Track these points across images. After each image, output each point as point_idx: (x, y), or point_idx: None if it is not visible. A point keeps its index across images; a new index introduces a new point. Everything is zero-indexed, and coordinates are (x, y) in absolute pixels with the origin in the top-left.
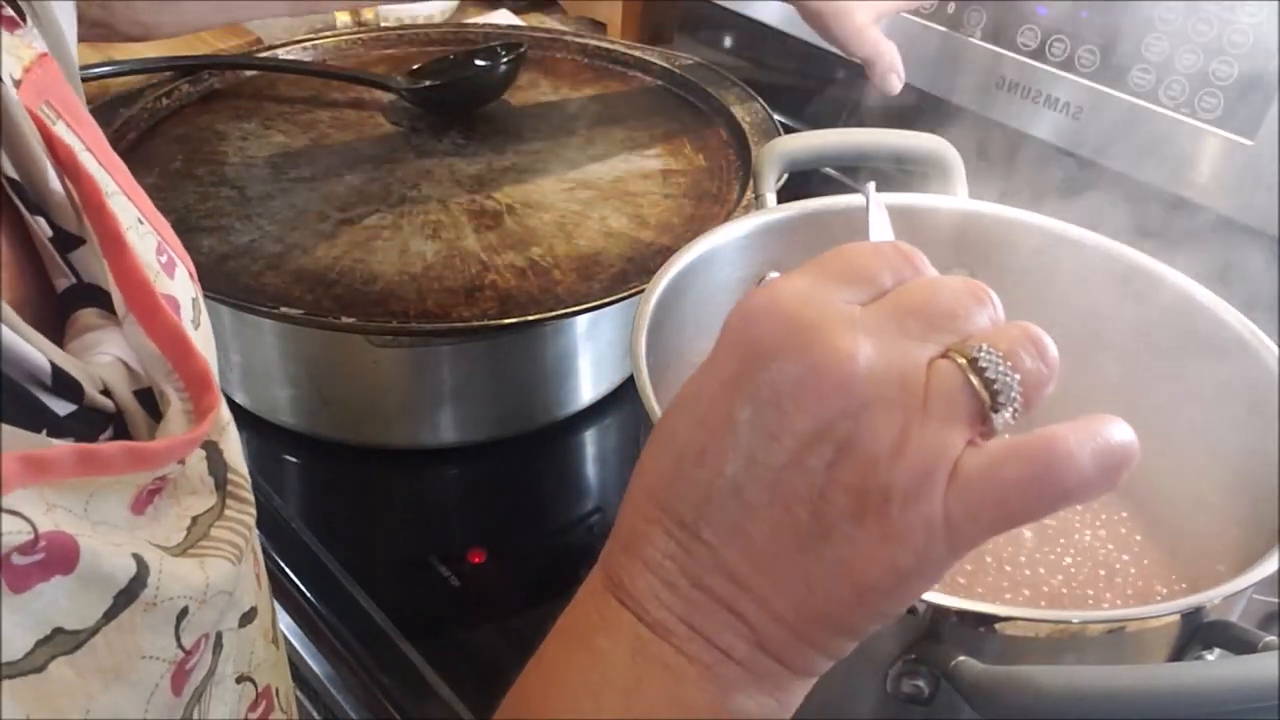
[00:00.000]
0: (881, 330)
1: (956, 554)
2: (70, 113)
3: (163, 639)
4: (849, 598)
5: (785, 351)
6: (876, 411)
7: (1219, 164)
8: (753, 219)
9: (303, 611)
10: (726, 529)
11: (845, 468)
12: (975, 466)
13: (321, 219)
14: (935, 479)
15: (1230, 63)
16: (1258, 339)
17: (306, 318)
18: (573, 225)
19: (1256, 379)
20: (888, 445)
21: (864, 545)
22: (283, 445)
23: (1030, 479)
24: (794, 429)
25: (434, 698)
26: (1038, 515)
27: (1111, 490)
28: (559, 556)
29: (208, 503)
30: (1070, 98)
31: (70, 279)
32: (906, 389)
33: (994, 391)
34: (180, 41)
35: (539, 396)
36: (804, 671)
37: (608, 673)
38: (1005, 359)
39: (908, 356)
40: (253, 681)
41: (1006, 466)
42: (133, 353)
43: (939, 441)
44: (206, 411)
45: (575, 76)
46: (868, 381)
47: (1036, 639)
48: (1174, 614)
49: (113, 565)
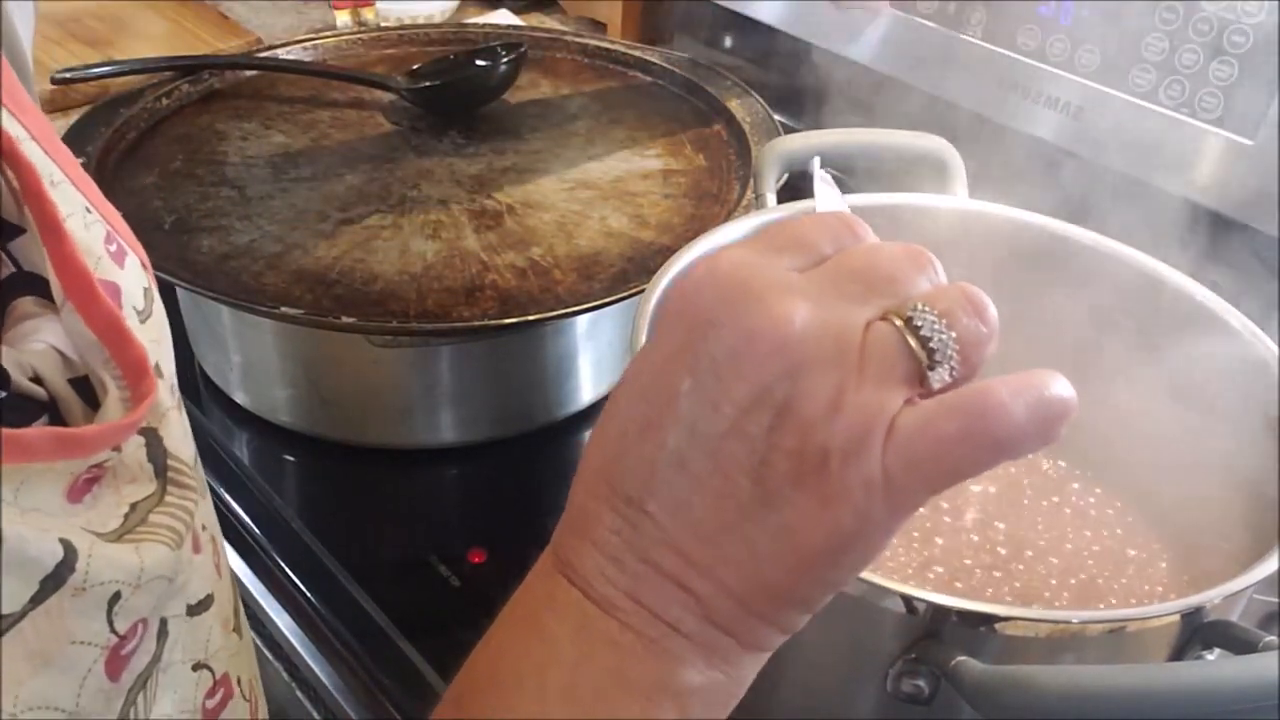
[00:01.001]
0: (819, 294)
1: (898, 514)
2: (13, 100)
3: (94, 624)
4: (794, 565)
5: (722, 319)
6: (813, 373)
7: (1219, 164)
8: (753, 219)
9: (303, 611)
10: (671, 502)
11: (784, 431)
12: (911, 422)
13: (321, 219)
14: (872, 437)
15: (1230, 63)
16: (1258, 339)
17: (306, 318)
18: (573, 225)
19: (1256, 379)
20: (824, 406)
21: (805, 509)
22: (283, 445)
23: (964, 432)
24: (732, 396)
25: (434, 698)
26: (975, 468)
27: (1048, 444)
28: None
29: (147, 489)
30: (1070, 98)
31: (10, 268)
32: (842, 350)
33: (930, 350)
34: (180, 41)
35: (539, 396)
36: (755, 646)
37: (553, 649)
38: (941, 318)
39: (844, 318)
40: (209, 669)
41: (940, 420)
42: (69, 341)
43: (876, 400)
44: (143, 397)
45: (575, 76)
46: (803, 343)
47: (1036, 639)
48: (1174, 614)
49: (39, 550)
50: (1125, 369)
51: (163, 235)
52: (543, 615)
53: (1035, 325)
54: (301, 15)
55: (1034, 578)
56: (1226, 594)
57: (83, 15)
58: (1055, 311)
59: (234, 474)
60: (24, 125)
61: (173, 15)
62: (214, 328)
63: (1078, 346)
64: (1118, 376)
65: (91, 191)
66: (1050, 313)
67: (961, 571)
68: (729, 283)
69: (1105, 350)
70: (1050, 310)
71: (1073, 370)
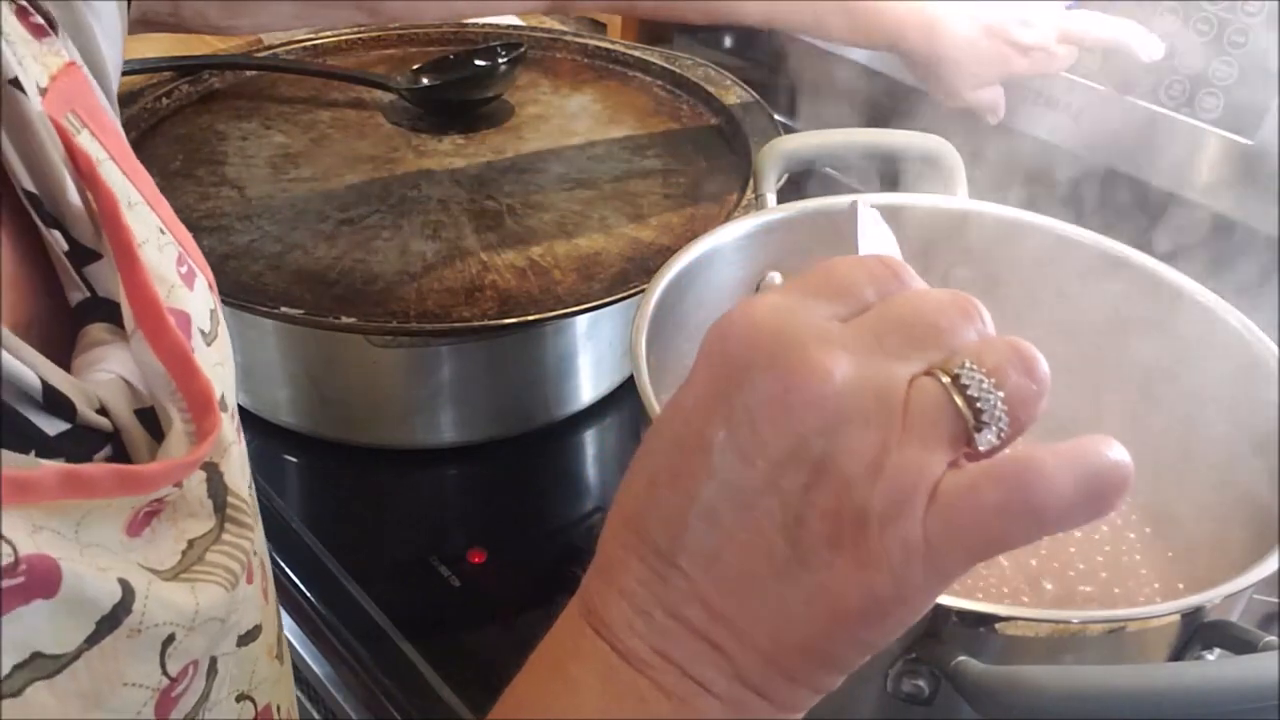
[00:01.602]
0: (860, 346)
1: (938, 581)
2: (95, 121)
3: (146, 665)
4: (828, 627)
5: (759, 369)
6: (852, 430)
7: (1219, 164)
8: (753, 219)
9: (303, 611)
10: (701, 556)
11: (821, 490)
12: (955, 488)
13: (321, 219)
14: (914, 501)
15: (1230, 63)
16: (1258, 339)
17: (306, 318)
18: (573, 225)
19: (1256, 379)
20: (864, 465)
21: (841, 570)
22: (283, 445)
23: (1006, 503)
24: (768, 450)
25: (434, 698)
26: (1018, 540)
27: (1101, 517)
28: (559, 556)
29: (206, 526)
30: (1070, 98)
31: (85, 293)
32: (885, 406)
33: (977, 410)
34: (180, 41)
35: (539, 396)
36: (787, 707)
37: (578, 700)
38: (990, 376)
39: (887, 373)
40: (252, 700)
41: (984, 489)
42: (137, 370)
43: (918, 462)
44: (207, 433)
45: (575, 76)
46: (843, 398)
47: (1036, 639)
48: (1174, 614)
49: (97, 590)
50: (1124, 368)
51: None
52: (568, 665)
53: (1035, 326)
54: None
55: (1034, 578)
56: (1226, 594)
57: None
58: (1055, 312)
59: None
60: (104, 146)
61: None
62: None
63: (1077, 346)
64: (1116, 376)
65: (165, 211)
66: (1050, 313)
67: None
68: (767, 330)
69: (1105, 350)
70: (1050, 311)
71: (1072, 370)
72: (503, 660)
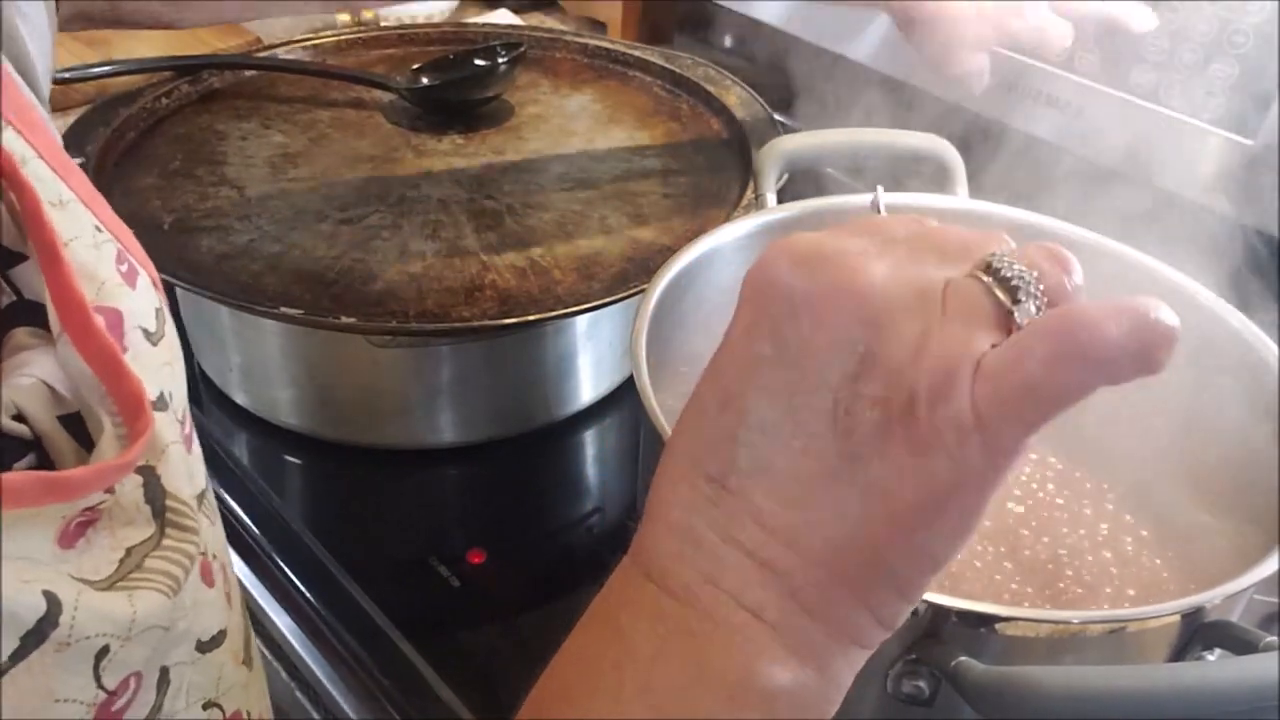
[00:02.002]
0: (896, 258)
1: (996, 460)
2: (22, 118)
3: (79, 680)
4: (885, 525)
5: (798, 283)
6: (895, 319)
7: (1219, 164)
8: (753, 219)
9: (303, 611)
10: (753, 469)
11: (867, 379)
12: (999, 355)
13: (321, 219)
14: (959, 375)
15: (1230, 63)
16: (1258, 339)
17: (306, 318)
18: (573, 225)
19: (1257, 379)
20: (908, 349)
21: (895, 460)
22: (283, 445)
23: (1054, 354)
24: (812, 348)
25: (434, 698)
26: (1070, 394)
27: (1150, 372)
28: (559, 556)
29: (145, 532)
30: (1070, 98)
31: (11, 297)
32: (924, 298)
33: (1013, 289)
34: (180, 41)
35: (539, 396)
36: (847, 635)
37: (628, 647)
38: (1022, 262)
39: (924, 274)
40: (220, 707)
41: (1028, 344)
42: (63, 374)
43: (960, 339)
44: (138, 436)
45: (575, 76)
46: (885, 292)
47: (1036, 639)
48: (1174, 614)
49: (18, 604)
50: None
51: (162, 235)
52: (618, 614)
53: None
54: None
55: (1034, 578)
56: (1226, 594)
57: None
58: (1014, 246)
59: (234, 474)
60: (30, 143)
61: None
62: (214, 328)
63: None
64: None
65: (102, 209)
66: None
67: (962, 573)
68: (804, 253)
69: None
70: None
71: None
72: (502, 660)
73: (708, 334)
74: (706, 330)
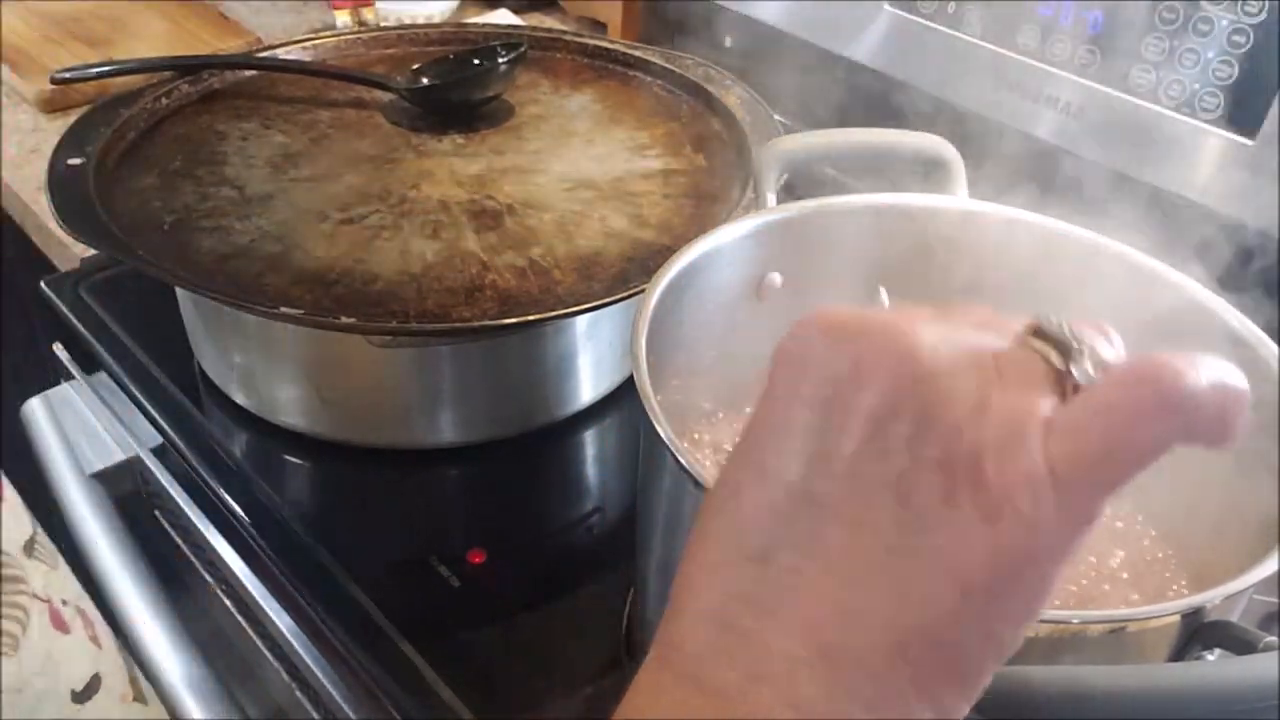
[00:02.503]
0: (938, 326)
1: (1073, 523)
2: None
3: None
4: (952, 601)
5: (838, 346)
6: (951, 375)
7: (1219, 164)
8: (753, 219)
9: (303, 611)
10: (801, 540)
11: (926, 440)
12: (1077, 410)
13: (321, 219)
14: (1029, 428)
15: (1230, 63)
16: (1258, 339)
17: (306, 318)
18: (573, 225)
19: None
20: (969, 406)
21: (962, 526)
22: (283, 445)
23: (1139, 401)
24: (861, 408)
25: (434, 698)
26: (1154, 450)
27: (1224, 442)
28: (559, 556)
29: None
30: (1070, 98)
31: None
32: (976, 360)
33: (1065, 349)
34: (180, 41)
35: (539, 396)
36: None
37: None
38: (1064, 324)
39: (972, 340)
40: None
41: (1108, 396)
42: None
43: (1025, 397)
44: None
45: (575, 76)
46: (935, 351)
47: (1036, 638)
48: (1174, 614)
49: None
50: None
51: (162, 235)
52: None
53: None
54: (301, 15)
55: None
56: (1226, 594)
57: (83, 15)
58: (1054, 312)
59: (234, 474)
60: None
61: (173, 15)
62: (214, 328)
63: None
64: None
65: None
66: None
67: None
68: (841, 319)
69: None
70: (1049, 310)
71: None
72: (503, 660)
73: (708, 334)
74: (706, 330)
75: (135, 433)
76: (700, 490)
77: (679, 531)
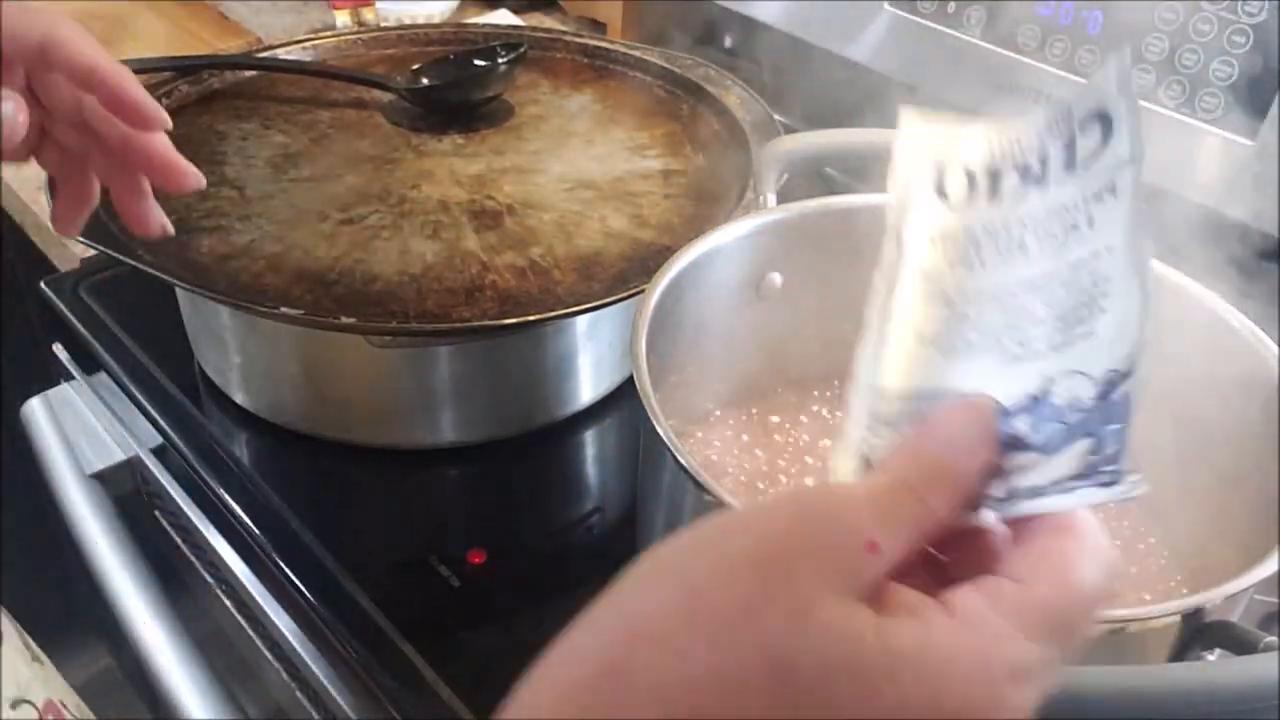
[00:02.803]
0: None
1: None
2: None
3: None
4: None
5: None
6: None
7: (1219, 164)
8: (753, 219)
9: (302, 611)
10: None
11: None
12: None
13: (321, 219)
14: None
15: (1230, 63)
16: (1258, 339)
17: (306, 318)
18: (573, 225)
19: (1256, 379)
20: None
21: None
22: (283, 445)
23: (1077, 555)
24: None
25: (434, 698)
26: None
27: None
28: (559, 556)
29: None
30: None
31: None
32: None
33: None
34: (180, 41)
35: (539, 396)
36: None
37: None
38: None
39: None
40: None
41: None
42: None
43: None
44: None
45: (575, 76)
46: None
47: None
48: (1174, 614)
49: None
50: None
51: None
52: None
53: None
54: (301, 15)
55: None
56: (1226, 594)
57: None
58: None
59: (234, 474)
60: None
61: (173, 15)
62: (214, 328)
63: None
64: None
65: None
66: None
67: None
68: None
69: None
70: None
71: None
72: (502, 660)
73: (708, 334)
74: (706, 330)
75: (135, 433)
76: (700, 490)
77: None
